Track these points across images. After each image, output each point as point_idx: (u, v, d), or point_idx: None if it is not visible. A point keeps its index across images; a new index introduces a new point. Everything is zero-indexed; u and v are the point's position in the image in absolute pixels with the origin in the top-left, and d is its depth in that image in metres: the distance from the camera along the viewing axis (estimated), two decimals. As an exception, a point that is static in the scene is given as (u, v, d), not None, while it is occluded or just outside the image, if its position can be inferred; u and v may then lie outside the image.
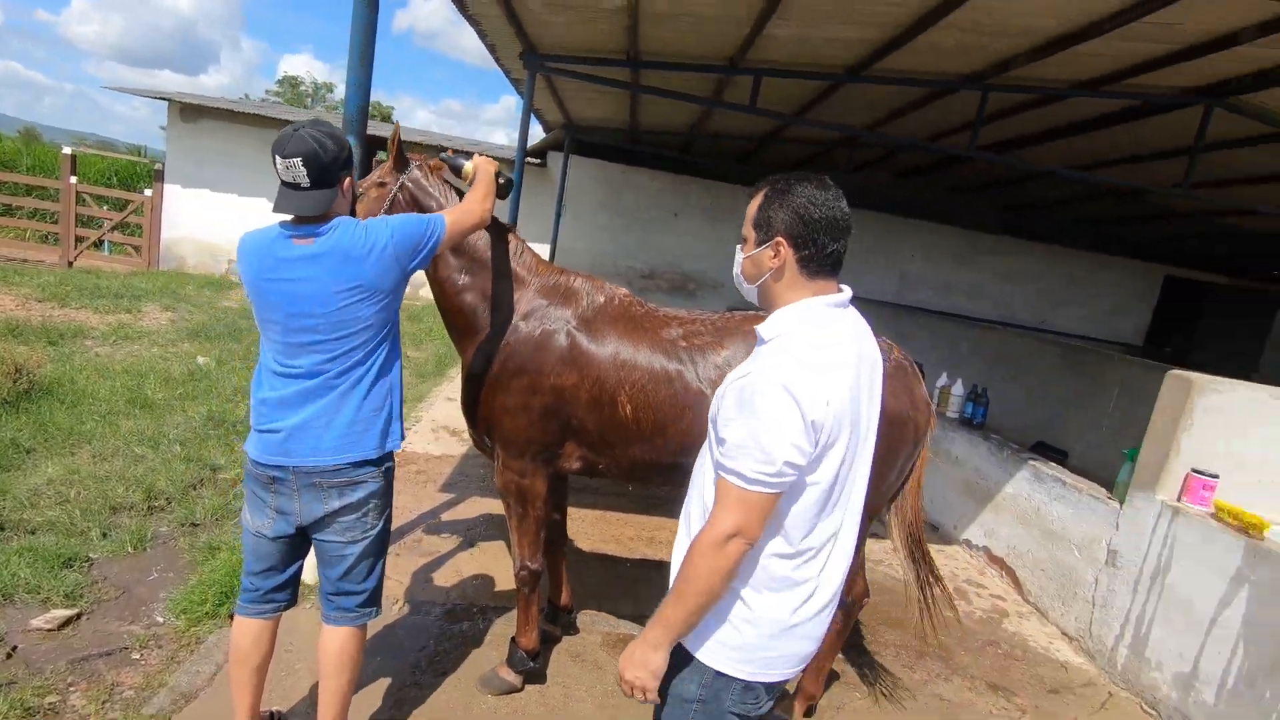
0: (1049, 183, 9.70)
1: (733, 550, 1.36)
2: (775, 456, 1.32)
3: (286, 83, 42.71)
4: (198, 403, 5.48)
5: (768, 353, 1.41)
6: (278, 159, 1.91)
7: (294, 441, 1.99)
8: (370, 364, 2.03)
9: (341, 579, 2.11)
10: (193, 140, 12.08)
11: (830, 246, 1.46)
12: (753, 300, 1.58)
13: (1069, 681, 3.56)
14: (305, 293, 1.92)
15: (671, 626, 1.42)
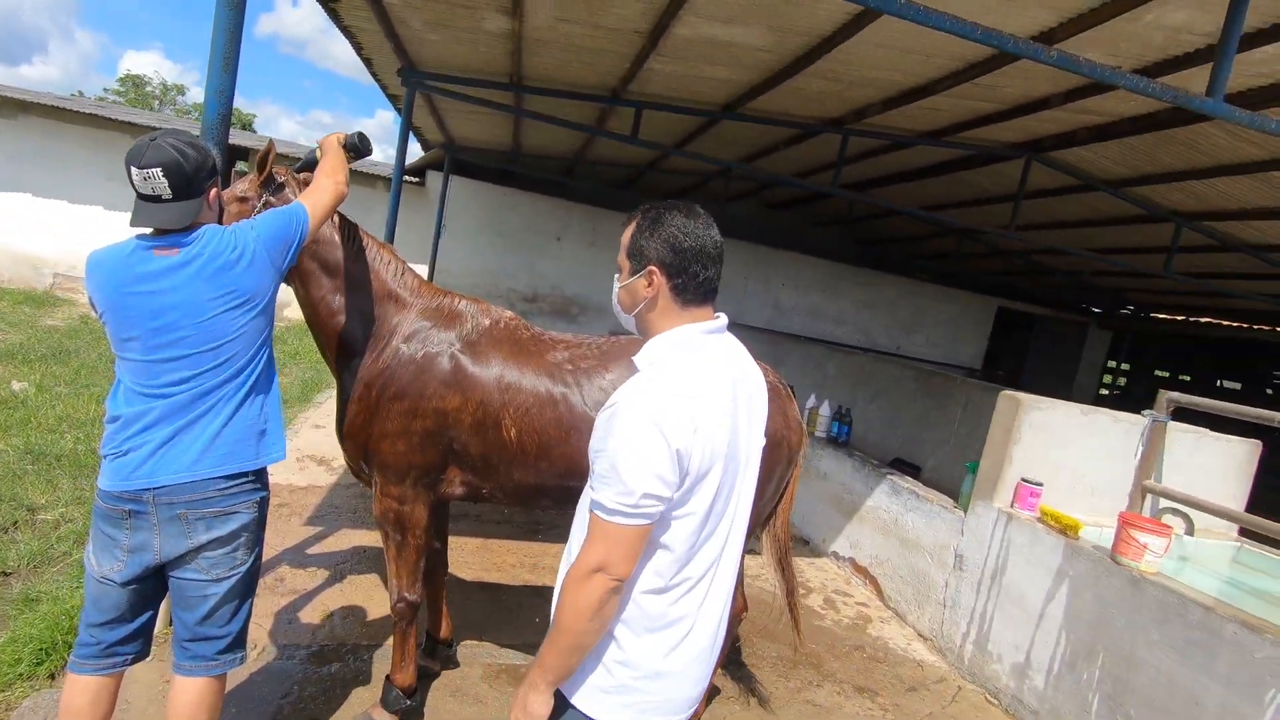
0: (901, 219, 10.68)
1: (596, 586, 1.30)
2: (634, 488, 1.28)
3: (129, 81, 38.90)
4: (11, 434, 4.81)
5: (635, 382, 1.38)
6: (134, 170, 1.78)
7: (158, 461, 1.82)
8: (245, 376, 1.91)
9: (201, 623, 1.92)
10: (12, 138, 10.72)
11: (702, 274, 1.45)
12: (632, 330, 1.57)
13: (924, 679, 3.86)
14: (171, 304, 1.79)
15: (547, 668, 1.35)
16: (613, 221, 13.10)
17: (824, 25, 4.27)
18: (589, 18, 4.62)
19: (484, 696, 2.95)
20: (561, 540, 4.74)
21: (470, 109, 7.40)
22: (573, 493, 2.62)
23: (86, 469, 4.47)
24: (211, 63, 2.67)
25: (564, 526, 5.15)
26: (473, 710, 2.86)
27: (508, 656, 3.27)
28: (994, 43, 2.72)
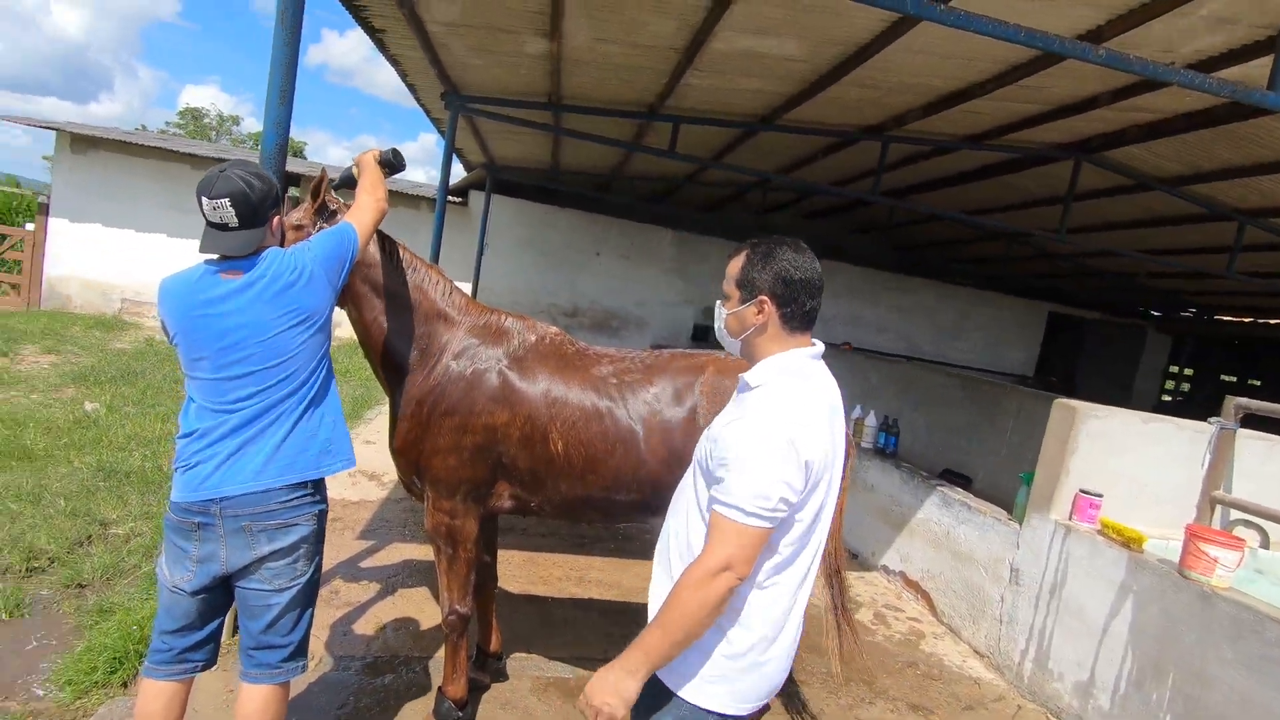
0: (942, 224, 10.48)
1: (721, 583, 1.42)
2: (770, 494, 1.42)
3: (189, 114, 40.85)
4: (85, 452, 5.07)
5: (760, 397, 1.53)
6: (204, 200, 1.88)
7: (225, 473, 1.92)
8: (307, 389, 2.00)
9: (265, 631, 2.00)
10: (84, 172, 11.35)
11: (809, 304, 1.60)
12: (733, 352, 1.72)
13: (982, 697, 3.74)
14: (237, 324, 1.90)
15: (652, 655, 1.45)
16: (648, 236, 13.19)
17: (861, 34, 4.25)
18: (626, 37, 4.70)
19: (533, 710, 2.98)
20: (606, 554, 4.78)
21: (511, 129, 7.56)
22: (619, 505, 2.65)
23: (153, 485, 4.67)
24: (269, 96, 2.81)
25: (610, 540, 5.16)
26: (523, 723, 2.88)
27: (556, 670, 3.30)
28: (1039, 44, 2.68)
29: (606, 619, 3.90)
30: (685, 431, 2.59)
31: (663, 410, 2.60)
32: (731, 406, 1.63)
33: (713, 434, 1.57)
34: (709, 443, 1.57)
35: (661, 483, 2.62)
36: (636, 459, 2.55)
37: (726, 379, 2.65)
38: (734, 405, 1.62)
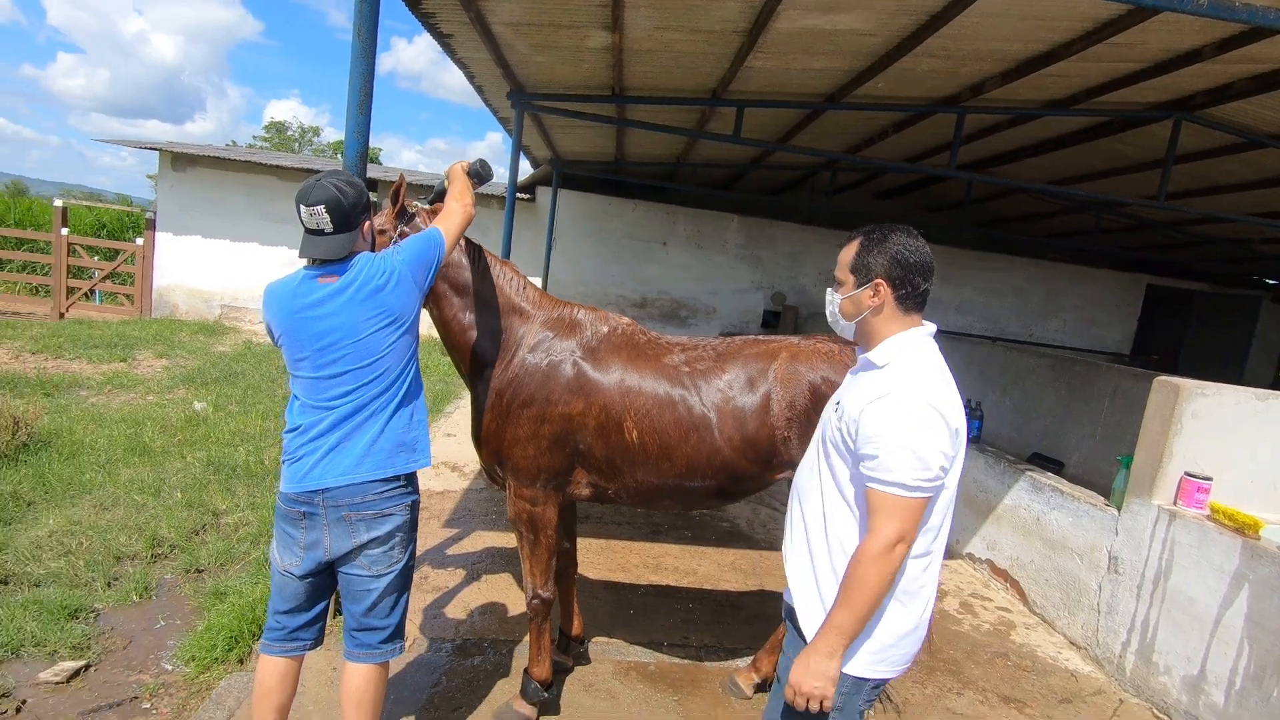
0: (1026, 197, 9.94)
1: (899, 554, 1.53)
2: (931, 464, 1.52)
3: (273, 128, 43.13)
4: (196, 448, 5.48)
5: (898, 374, 1.60)
6: (302, 207, 2.01)
7: (325, 466, 2.04)
8: (396, 388, 2.10)
9: (366, 614, 2.13)
10: (184, 188, 12.19)
11: (922, 286, 1.68)
12: (845, 335, 1.79)
13: (1079, 690, 3.57)
14: (333, 326, 2.01)
15: (846, 632, 1.55)
16: (715, 223, 13.07)
17: (932, 1, 4.08)
18: (688, 23, 4.67)
19: (616, 693, 3.04)
20: (681, 541, 4.81)
21: (575, 124, 7.65)
22: (694, 492, 2.67)
23: (257, 478, 5.01)
24: (349, 106, 2.94)
25: (684, 528, 5.19)
26: (605, 705, 2.95)
27: (636, 654, 3.35)
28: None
29: (683, 605, 3.94)
30: (759, 418, 2.58)
31: (736, 397, 2.59)
32: (861, 385, 1.66)
33: (849, 415, 1.62)
34: (845, 423, 1.62)
35: (736, 469, 2.62)
36: (711, 446, 2.56)
37: (800, 365, 2.62)
38: (864, 384, 1.65)
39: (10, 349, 8.35)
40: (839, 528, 1.67)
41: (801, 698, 1.56)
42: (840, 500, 1.66)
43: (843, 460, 1.65)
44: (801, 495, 1.78)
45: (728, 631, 3.70)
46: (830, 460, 1.69)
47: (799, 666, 1.58)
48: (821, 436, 1.76)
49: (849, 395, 1.68)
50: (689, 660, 3.37)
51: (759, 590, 4.26)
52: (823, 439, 1.74)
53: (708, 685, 3.17)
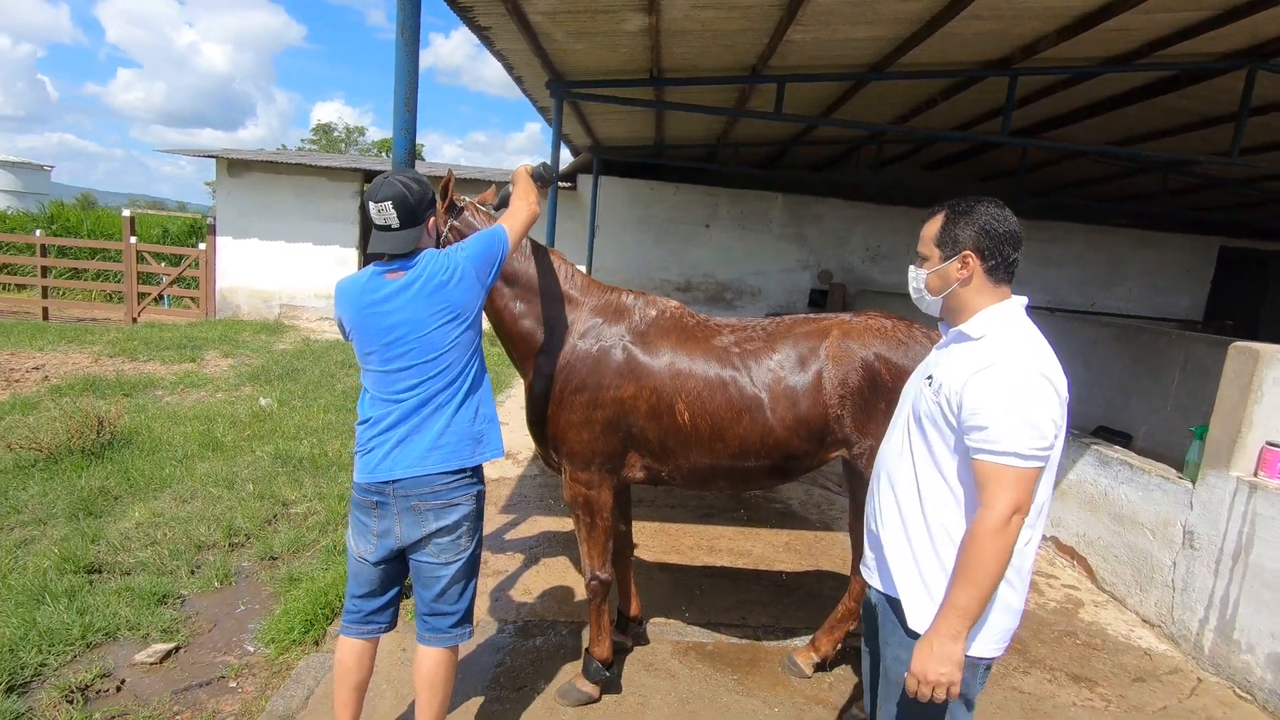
0: (1085, 161, 9.50)
1: (1015, 526, 1.49)
2: (1046, 431, 1.49)
3: (320, 130, 44.30)
4: (264, 442, 5.72)
5: (1000, 344, 1.58)
6: (371, 204, 2.08)
7: (395, 458, 2.11)
8: (461, 381, 2.16)
9: (436, 600, 2.21)
10: (240, 194, 12.64)
11: (1012, 256, 1.65)
12: (931, 311, 1.77)
13: (1154, 669, 3.46)
14: (399, 321, 2.07)
15: (968, 612, 1.50)
16: (759, 202, 12.90)
17: (981, -40, 3.92)
18: (725, 0, 4.60)
19: (676, 671, 3.08)
20: (734, 523, 4.82)
21: (614, 109, 7.64)
22: (747, 473, 2.67)
23: (322, 469, 5.21)
24: (395, 105, 3.01)
25: (736, 509, 5.19)
26: (666, 684, 2.99)
27: (694, 634, 3.39)
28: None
29: (738, 586, 3.95)
30: (811, 397, 2.56)
31: (787, 377, 2.58)
32: (958, 358, 1.62)
33: (948, 388, 1.59)
34: (944, 398, 1.59)
35: (789, 449, 2.61)
36: (763, 426, 2.56)
37: (853, 342, 2.59)
38: (961, 357, 1.62)
39: (90, 353, 8.85)
40: (938, 509, 1.63)
41: (927, 686, 1.50)
42: (938, 479, 1.63)
43: (940, 437, 1.61)
44: (892, 479, 1.74)
45: (785, 612, 3.70)
46: (926, 438, 1.65)
47: (921, 653, 1.52)
48: (910, 415, 1.71)
49: (943, 369, 1.64)
50: (747, 640, 3.38)
51: (815, 570, 4.25)
52: (913, 417, 1.69)
53: (767, 665, 3.19)
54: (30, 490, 4.41)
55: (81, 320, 12.02)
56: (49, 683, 2.71)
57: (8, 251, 13.86)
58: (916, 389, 1.74)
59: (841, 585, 3.34)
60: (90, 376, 7.46)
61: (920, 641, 1.55)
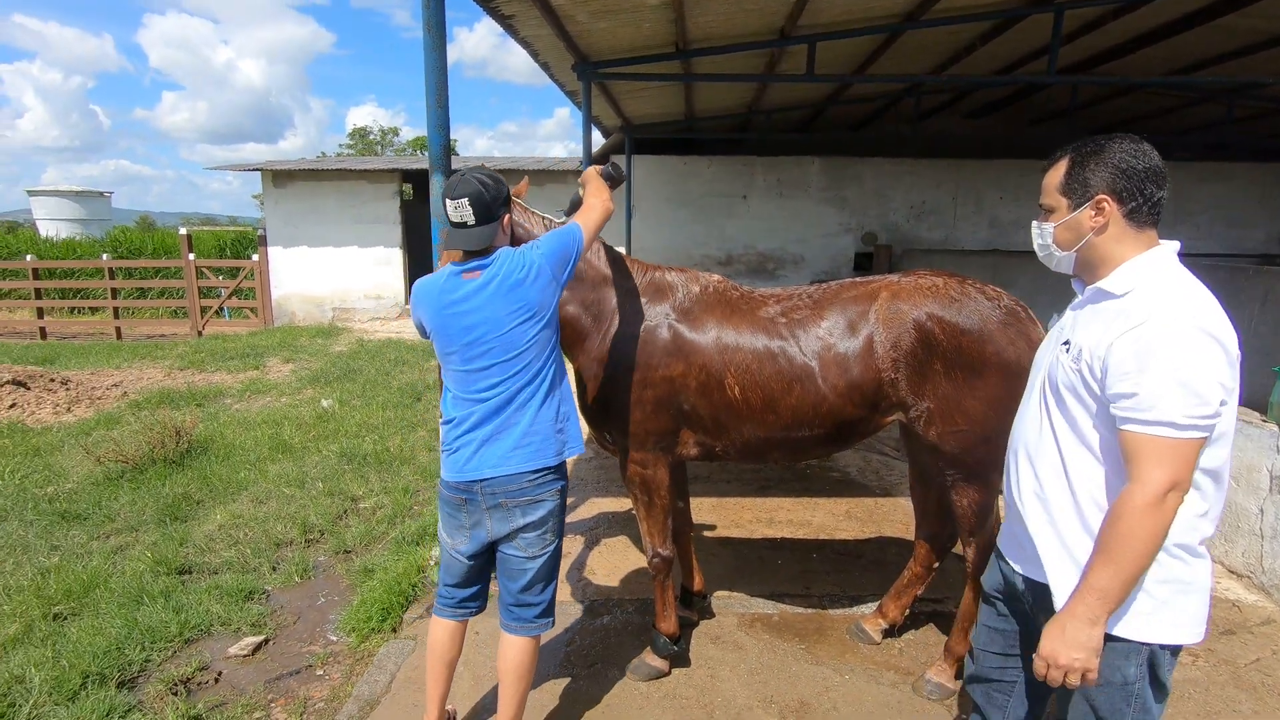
0: (1142, 94, 8.98)
1: (1170, 504, 1.34)
2: (1210, 398, 1.32)
3: (356, 135, 45.18)
4: (329, 442, 5.94)
5: (1149, 300, 1.41)
6: (448, 201, 2.11)
7: (481, 457, 2.17)
8: (541, 379, 2.17)
9: (523, 591, 2.27)
10: (286, 204, 13.03)
11: (1156, 194, 1.47)
12: (1062, 269, 1.61)
13: (1244, 621, 3.32)
14: (478, 321, 2.10)
15: (1108, 595, 1.38)
16: (796, 168, 12.64)
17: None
18: (748, -38, 4.48)
19: (743, 643, 3.10)
20: (792, 494, 4.79)
21: (642, 87, 7.56)
22: (802, 442, 2.65)
23: (386, 464, 5.38)
24: (428, 101, 3.04)
25: (793, 481, 5.16)
26: (734, 656, 3.02)
27: (759, 606, 3.40)
28: None
29: (799, 556, 3.94)
30: (863, 362, 2.52)
31: (837, 343, 2.54)
32: (1100, 318, 1.48)
33: (1090, 352, 1.45)
34: (1085, 363, 1.46)
35: (843, 416, 2.57)
36: (816, 395, 2.53)
37: (903, 303, 2.53)
38: (1103, 316, 1.47)
39: (163, 368, 9.31)
40: (1085, 482, 1.50)
41: (1058, 670, 1.41)
42: (1083, 451, 1.49)
43: (1082, 407, 1.48)
44: (1031, 453, 1.61)
45: (849, 580, 3.68)
46: (1065, 409, 1.52)
47: (1052, 635, 1.42)
48: (1047, 383, 1.58)
49: (1083, 331, 1.50)
50: (812, 609, 3.38)
51: (877, 537, 4.20)
52: (1050, 386, 1.56)
53: (834, 633, 3.18)
54: (120, 500, 4.69)
55: (151, 337, 12.64)
56: (154, 677, 2.90)
57: (79, 277, 14.63)
58: (1052, 356, 1.60)
59: (906, 551, 3.29)
60: (164, 390, 7.86)
61: (1052, 622, 1.44)
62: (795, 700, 2.73)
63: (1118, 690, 1.49)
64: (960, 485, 2.59)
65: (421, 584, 3.54)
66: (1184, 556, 1.45)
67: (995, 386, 2.44)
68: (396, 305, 13.37)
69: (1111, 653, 1.46)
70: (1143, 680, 1.48)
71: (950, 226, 12.80)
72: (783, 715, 2.65)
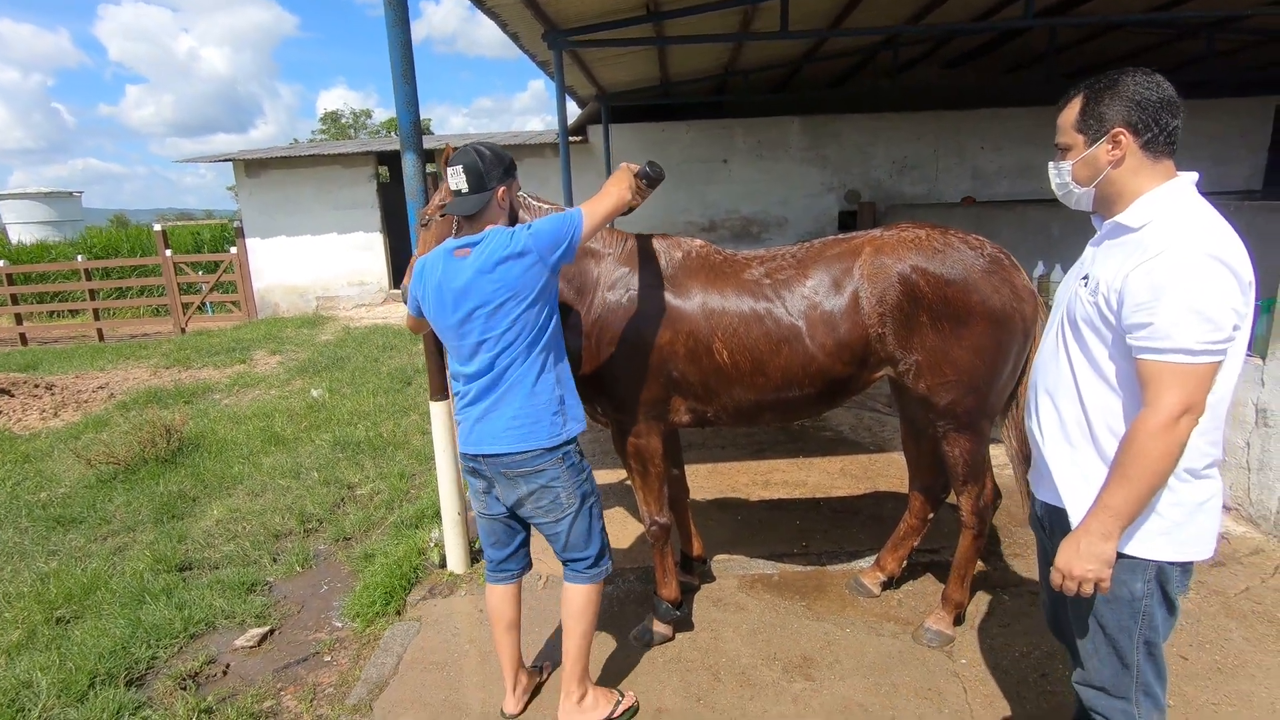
0: (1121, 34, 8.89)
1: (1184, 428, 1.39)
2: (1222, 323, 1.36)
3: (328, 119, 44.27)
4: (321, 431, 5.91)
5: (1165, 231, 1.43)
6: (448, 170, 2.15)
7: (479, 433, 2.21)
8: (532, 360, 2.15)
9: (563, 550, 2.35)
10: (261, 194, 12.80)
11: (1171, 124, 1.49)
12: (1081, 206, 1.63)
13: (1233, 552, 3.39)
14: (466, 298, 2.11)
15: (1122, 513, 1.45)
16: (775, 129, 12.49)
17: None
18: (714, -84, 4.36)
19: (744, 604, 3.14)
20: (786, 455, 4.82)
21: (615, 53, 7.41)
22: (793, 403, 2.65)
23: (379, 450, 5.37)
24: (394, 78, 2.96)
25: (787, 442, 5.18)
26: (736, 617, 3.06)
27: (759, 567, 3.44)
28: None
29: (797, 516, 3.98)
30: (850, 319, 2.51)
31: (822, 302, 2.52)
32: (1117, 253, 1.51)
33: (1107, 285, 1.49)
34: (1102, 296, 1.49)
35: (832, 374, 2.57)
36: (804, 355, 2.52)
37: (886, 257, 2.51)
38: (1120, 250, 1.51)
39: (148, 367, 9.21)
40: (1102, 412, 1.55)
41: (1072, 581, 1.49)
42: (1099, 383, 1.54)
43: (1099, 339, 1.52)
44: (1051, 390, 1.66)
45: (847, 536, 3.72)
46: (1083, 342, 1.56)
47: (1067, 549, 1.50)
48: (1065, 319, 1.63)
49: (1100, 266, 1.53)
50: (811, 567, 3.42)
51: (873, 493, 4.24)
52: (1068, 321, 1.61)
53: (833, 589, 3.22)
54: (115, 501, 4.67)
55: (134, 337, 12.48)
56: (162, 673, 2.91)
57: (55, 280, 14.39)
58: (1071, 291, 1.63)
59: (901, 504, 3.32)
60: (151, 389, 7.78)
61: (1068, 537, 1.52)
62: (798, 656, 2.78)
63: (1125, 605, 1.56)
64: (951, 436, 2.61)
65: (423, 566, 3.56)
66: (1189, 479, 1.51)
67: (981, 335, 2.44)
68: (381, 291, 13.25)
69: (1121, 569, 1.52)
70: (1150, 597, 1.55)
71: (933, 180, 12.74)
72: (786, 671, 2.70)
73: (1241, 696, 2.46)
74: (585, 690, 2.44)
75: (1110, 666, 1.63)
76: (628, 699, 2.51)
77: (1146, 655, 1.60)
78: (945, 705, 2.48)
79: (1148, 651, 1.60)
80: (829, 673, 2.67)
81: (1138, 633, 1.58)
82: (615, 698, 2.49)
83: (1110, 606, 1.58)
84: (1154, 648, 1.60)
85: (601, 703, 2.45)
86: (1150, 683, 1.62)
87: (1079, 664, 1.71)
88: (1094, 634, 1.63)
